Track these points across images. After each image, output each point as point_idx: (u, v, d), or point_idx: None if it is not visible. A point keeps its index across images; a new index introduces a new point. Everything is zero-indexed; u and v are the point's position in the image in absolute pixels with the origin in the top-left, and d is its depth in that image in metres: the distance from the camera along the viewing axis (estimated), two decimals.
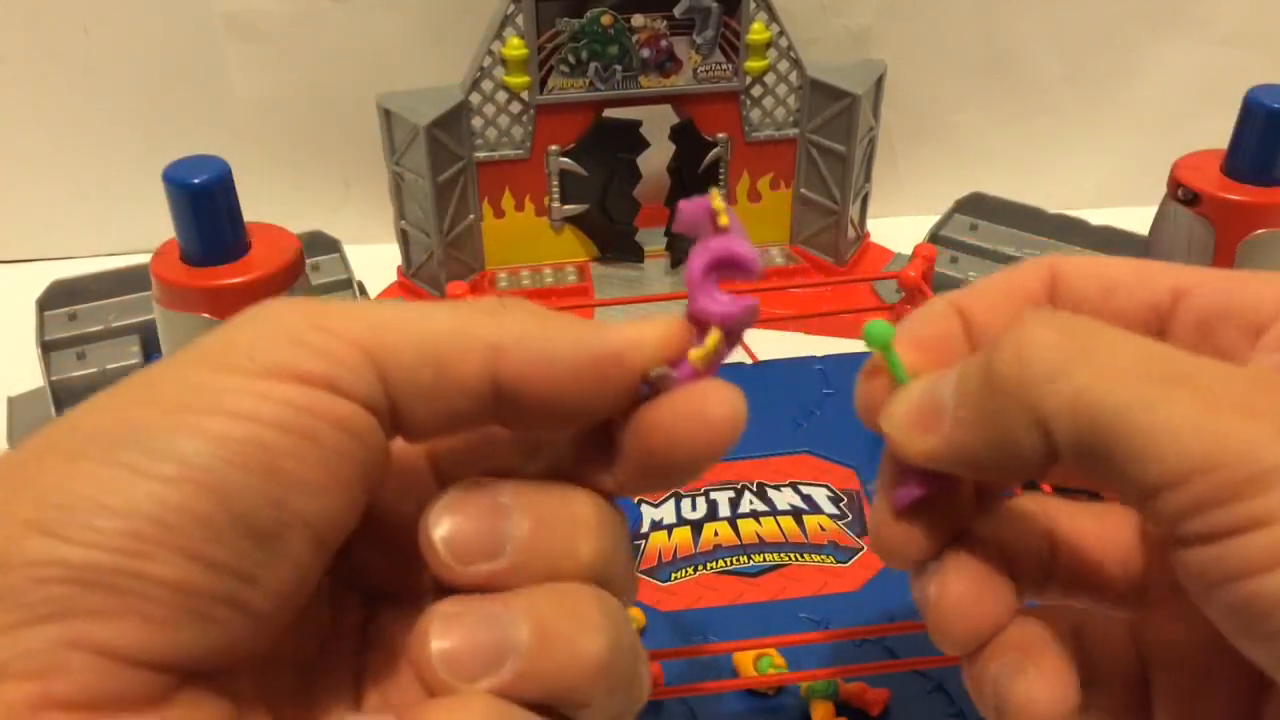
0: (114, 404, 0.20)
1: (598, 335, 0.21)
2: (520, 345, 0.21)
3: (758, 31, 0.71)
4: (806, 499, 0.51)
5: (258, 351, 0.20)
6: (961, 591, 0.24)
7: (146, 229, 0.59)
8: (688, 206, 0.23)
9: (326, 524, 0.20)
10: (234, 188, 0.49)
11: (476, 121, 0.71)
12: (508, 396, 0.21)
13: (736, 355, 0.68)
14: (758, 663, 0.41)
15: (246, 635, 0.19)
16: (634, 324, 0.22)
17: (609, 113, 0.72)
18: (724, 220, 0.23)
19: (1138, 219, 0.64)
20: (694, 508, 0.50)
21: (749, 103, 0.73)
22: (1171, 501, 0.19)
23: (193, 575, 0.18)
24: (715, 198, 0.23)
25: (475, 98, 0.70)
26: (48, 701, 0.17)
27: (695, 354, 0.22)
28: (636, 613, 0.44)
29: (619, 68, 0.70)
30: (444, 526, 0.21)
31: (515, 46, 0.68)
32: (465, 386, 0.21)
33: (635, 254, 0.77)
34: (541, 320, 0.21)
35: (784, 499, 0.51)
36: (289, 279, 0.50)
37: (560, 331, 0.21)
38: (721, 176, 0.76)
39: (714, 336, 0.23)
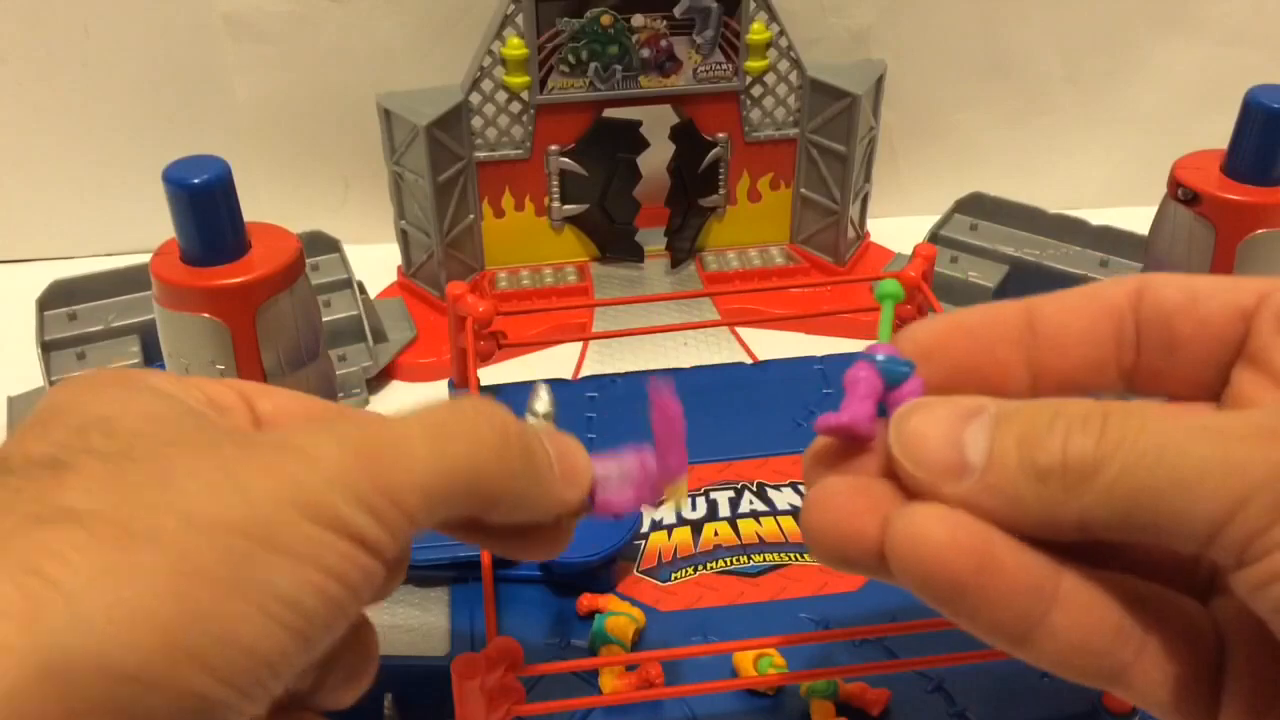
0: (239, 523, 0.21)
1: (551, 503, 0.27)
2: (510, 501, 0.25)
3: (758, 31, 0.71)
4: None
5: (339, 505, 0.22)
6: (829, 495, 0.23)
7: (146, 229, 0.59)
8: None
9: None
10: (234, 188, 0.49)
11: (476, 121, 0.71)
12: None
13: (737, 355, 0.68)
14: (758, 663, 0.41)
15: None
16: (569, 490, 0.27)
17: (609, 113, 0.72)
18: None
19: (1138, 219, 0.64)
20: (694, 508, 0.50)
21: (749, 103, 0.73)
22: (1218, 548, 0.20)
23: (260, 710, 0.21)
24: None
25: (475, 98, 0.70)
26: None
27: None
28: (636, 613, 0.44)
29: (619, 68, 0.70)
30: None
31: (515, 46, 0.68)
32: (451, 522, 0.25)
33: (635, 254, 0.77)
34: (532, 474, 0.26)
35: (784, 499, 0.51)
36: (289, 279, 0.50)
37: (534, 493, 0.26)
38: (721, 176, 0.76)
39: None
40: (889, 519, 0.22)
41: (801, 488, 0.52)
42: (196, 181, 0.47)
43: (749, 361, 0.61)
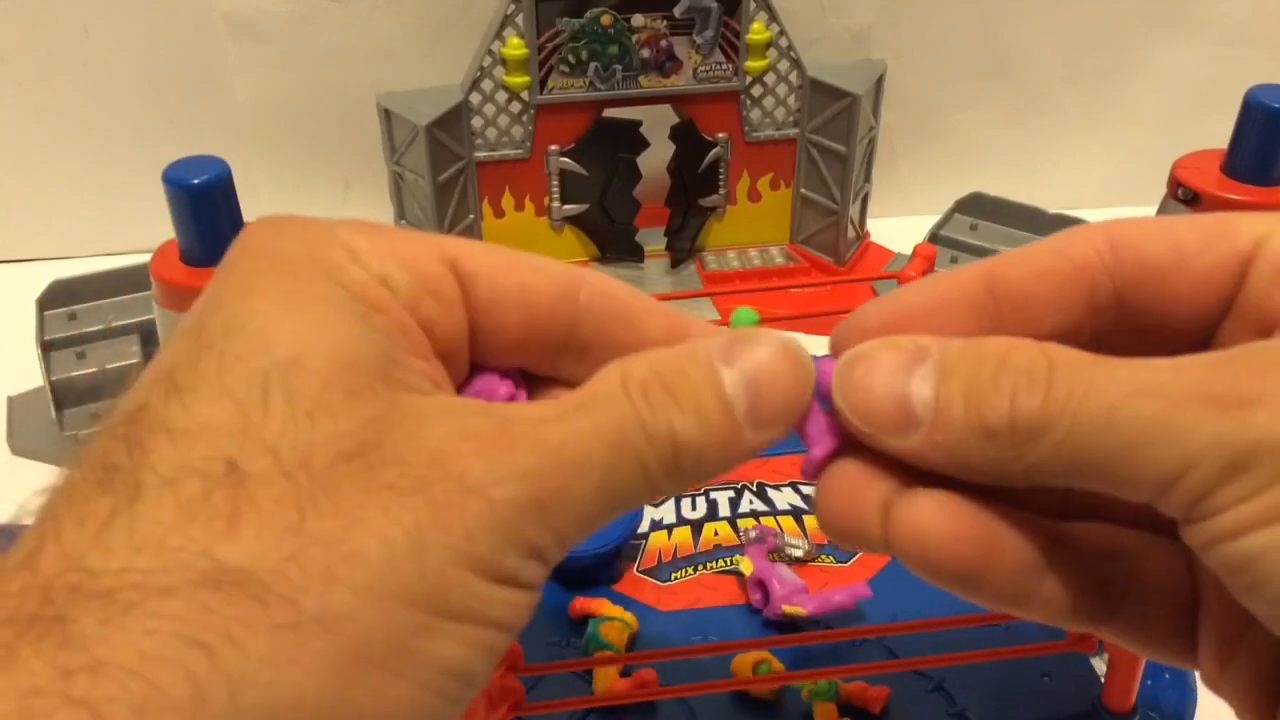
0: (399, 587, 0.19)
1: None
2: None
3: (758, 31, 0.71)
4: (806, 499, 0.51)
5: (510, 556, 0.20)
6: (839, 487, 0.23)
7: (146, 229, 0.59)
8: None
9: None
10: (234, 188, 0.48)
11: (476, 121, 0.71)
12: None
13: None
14: (756, 668, 0.41)
15: None
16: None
17: (609, 113, 0.72)
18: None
19: None
20: (694, 507, 0.50)
21: (749, 103, 0.73)
22: (1166, 504, 0.20)
23: None
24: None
25: (475, 97, 0.70)
26: None
27: None
28: (629, 618, 0.44)
29: (619, 68, 0.70)
30: None
31: (515, 46, 0.68)
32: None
33: (635, 254, 0.77)
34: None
35: (784, 499, 0.51)
36: None
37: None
38: (721, 176, 0.76)
39: None
40: (889, 510, 0.22)
41: (802, 488, 0.52)
42: (196, 182, 0.47)
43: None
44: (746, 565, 0.45)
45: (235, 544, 0.18)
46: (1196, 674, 0.42)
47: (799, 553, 0.47)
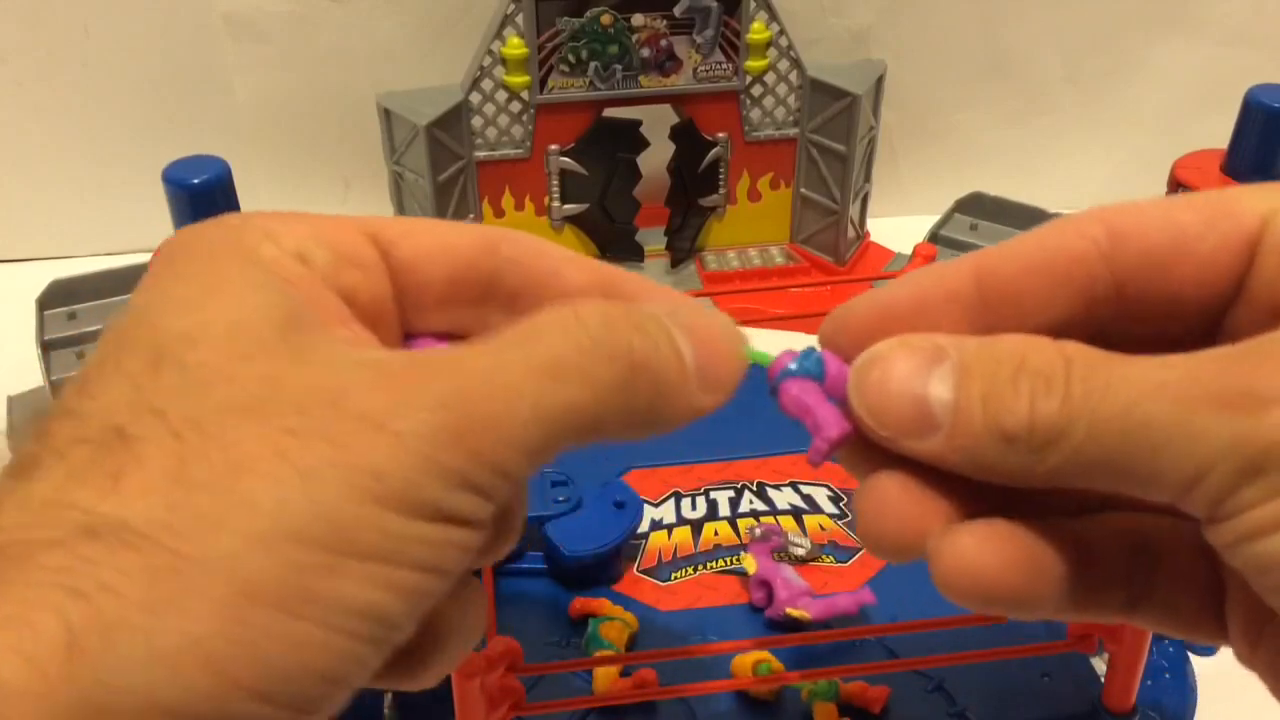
0: (293, 526, 0.19)
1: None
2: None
3: (758, 31, 0.71)
4: (806, 499, 0.51)
5: (429, 487, 0.19)
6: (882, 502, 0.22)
7: (146, 229, 0.59)
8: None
9: None
10: (234, 188, 0.49)
11: (476, 121, 0.71)
12: None
13: None
14: (756, 668, 0.41)
15: None
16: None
17: (609, 112, 0.72)
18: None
19: None
20: (694, 507, 0.50)
21: (749, 102, 0.73)
22: (1187, 505, 0.20)
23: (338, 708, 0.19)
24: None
25: (475, 97, 0.70)
26: None
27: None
28: (629, 617, 0.44)
29: (619, 67, 0.70)
30: None
31: (515, 46, 0.68)
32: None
33: (635, 254, 0.77)
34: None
35: (784, 499, 0.51)
36: None
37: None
38: (721, 176, 0.76)
39: None
40: (931, 550, 0.21)
41: (801, 487, 0.52)
42: (196, 181, 0.47)
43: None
44: (750, 564, 0.45)
45: (117, 499, 0.18)
46: (1196, 674, 0.42)
47: (801, 552, 0.47)
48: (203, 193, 0.47)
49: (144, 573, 0.18)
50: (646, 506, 0.49)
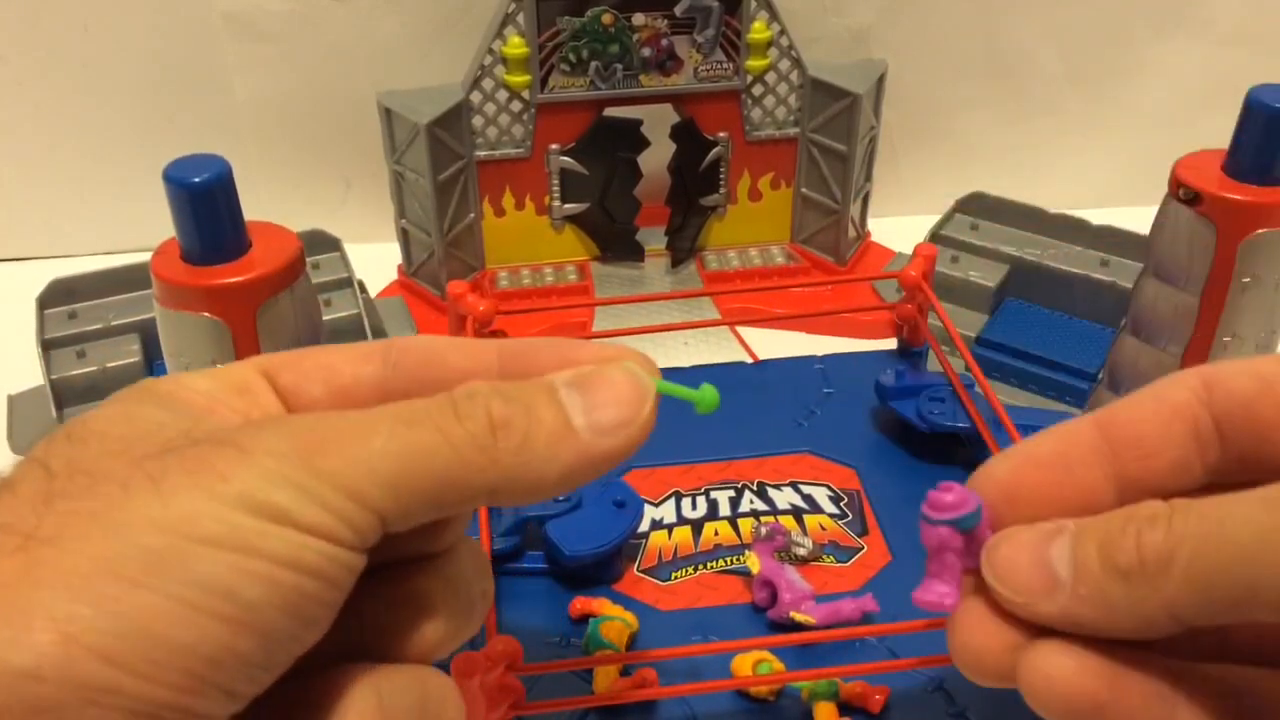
0: (158, 519, 0.21)
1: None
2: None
3: (758, 30, 0.71)
4: (807, 498, 0.51)
5: (273, 495, 0.21)
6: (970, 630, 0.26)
7: (146, 228, 0.59)
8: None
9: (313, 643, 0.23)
10: (234, 187, 0.48)
11: (477, 120, 0.71)
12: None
13: (737, 355, 0.68)
14: (756, 667, 0.41)
15: None
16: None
17: (609, 111, 0.72)
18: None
19: (1138, 219, 0.64)
20: (694, 507, 0.50)
21: (750, 102, 0.73)
22: None
23: (220, 707, 0.21)
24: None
25: (476, 96, 0.70)
26: None
27: None
28: (629, 617, 0.44)
29: (620, 66, 0.70)
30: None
31: (516, 45, 0.68)
32: (459, 511, 0.24)
33: (635, 253, 0.77)
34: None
35: (784, 498, 0.51)
36: (289, 278, 0.50)
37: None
38: (722, 175, 0.76)
39: None
40: (1020, 661, 0.25)
41: (801, 487, 0.52)
42: (197, 181, 0.47)
43: (749, 361, 0.61)
44: (754, 563, 0.45)
45: None
46: None
47: (803, 551, 0.47)
48: (203, 192, 0.47)
49: (1, 555, 0.20)
50: (646, 506, 0.49)
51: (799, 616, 0.43)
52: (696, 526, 0.49)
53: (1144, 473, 0.25)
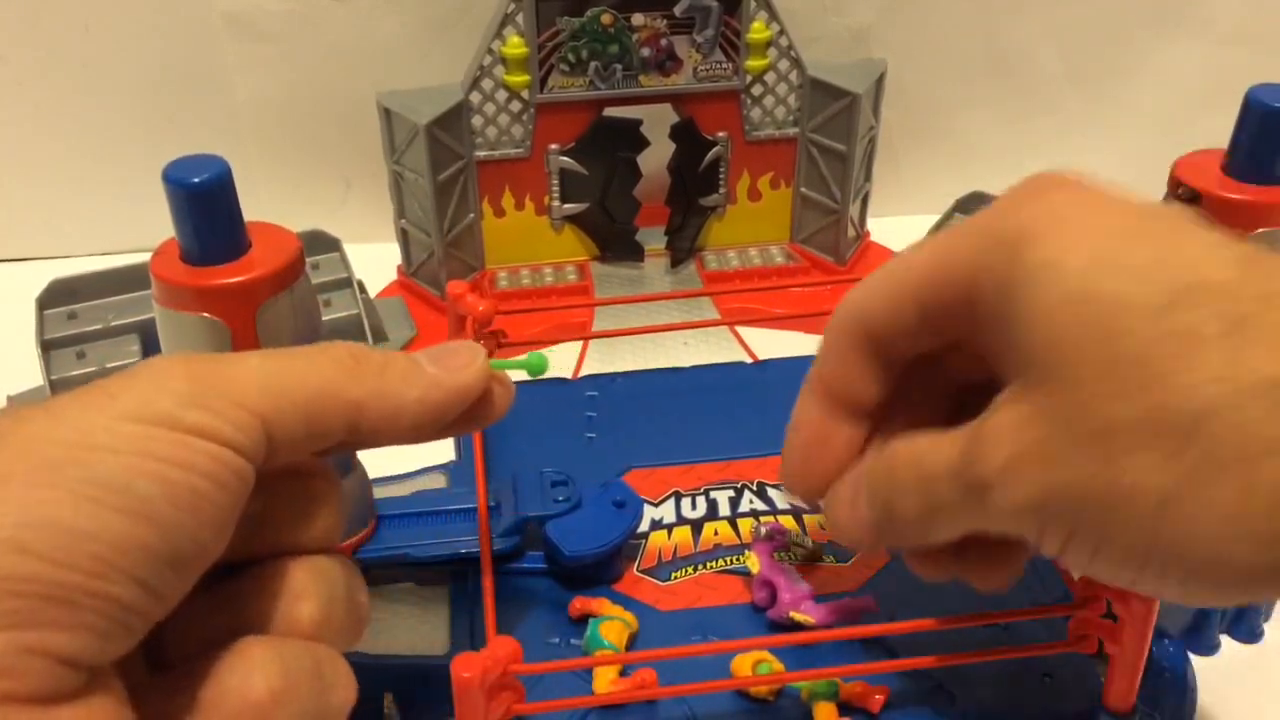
0: (55, 436, 0.23)
1: (433, 390, 0.29)
2: (376, 402, 0.27)
3: (758, 30, 0.71)
4: None
5: (161, 404, 0.24)
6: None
7: (146, 228, 0.59)
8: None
9: (219, 554, 0.25)
10: (234, 187, 0.48)
11: (476, 120, 0.71)
12: (357, 438, 0.28)
13: (737, 355, 0.68)
14: (756, 668, 0.41)
15: (141, 637, 0.24)
16: (452, 375, 0.29)
17: (609, 111, 0.72)
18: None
19: None
20: (694, 507, 0.50)
21: (749, 102, 0.73)
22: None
23: (133, 596, 0.22)
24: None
25: (475, 96, 0.70)
26: (4, 699, 0.21)
27: None
28: (629, 617, 0.44)
29: (619, 66, 0.70)
30: None
31: (515, 45, 0.68)
32: (329, 434, 0.27)
33: (635, 253, 0.77)
34: (389, 377, 0.28)
35: (784, 498, 0.51)
36: (289, 278, 0.49)
37: (406, 388, 0.28)
38: (722, 175, 0.76)
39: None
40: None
41: None
42: (196, 181, 0.47)
43: (749, 361, 0.61)
44: (754, 563, 0.45)
45: None
46: (1196, 674, 0.42)
47: (803, 551, 0.47)
48: (203, 192, 0.47)
49: None
50: (646, 506, 0.49)
51: (798, 616, 0.43)
52: (696, 526, 0.49)
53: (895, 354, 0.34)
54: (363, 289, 0.69)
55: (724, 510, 0.50)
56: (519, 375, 0.33)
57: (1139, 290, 0.26)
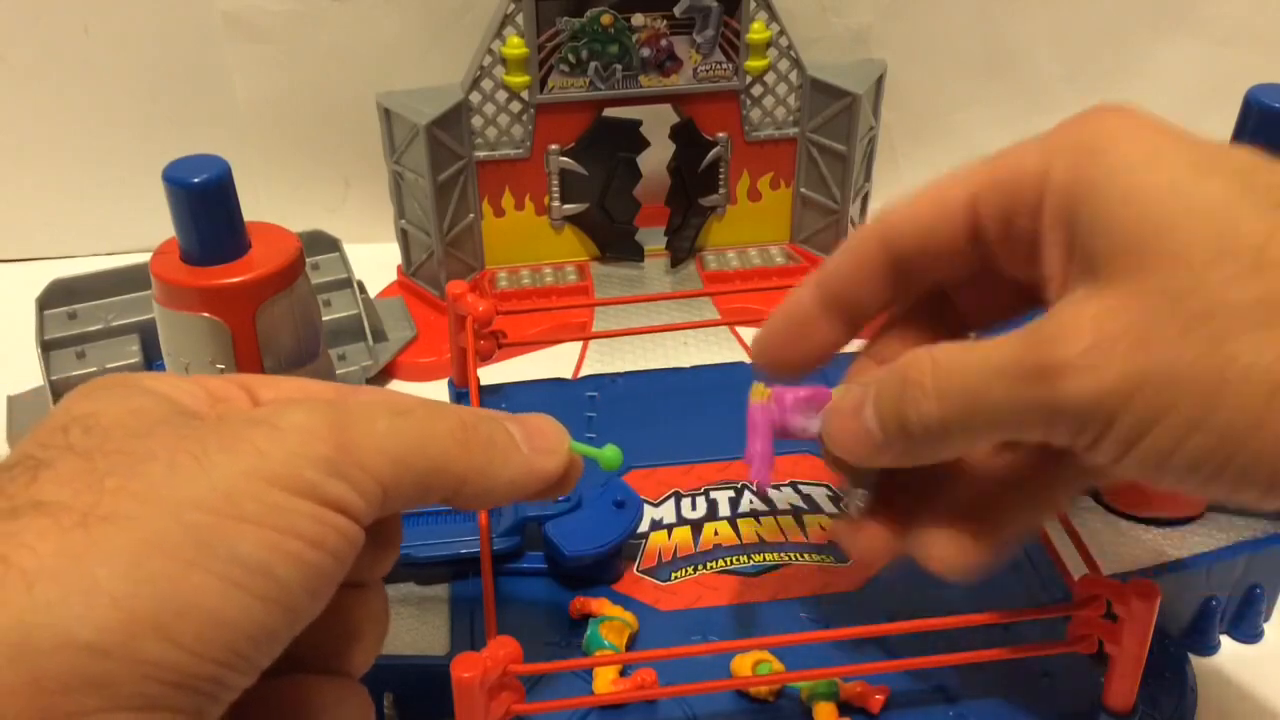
0: (201, 498, 0.22)
1: (524, 475, 0.29)
2: (477, 478, 0.27)
3: (758, 31, 0.71)
4: (806, 498, 0.51)
5: (306, 471, 0.23)
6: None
7: (146, 228, 0.59)
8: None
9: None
10: (234, 187, 0.48)
11: (476, 120, 0.71)
12: (442, 503, 0.28)
13: (737, 355, 0.68)
14: (756, 668, 0.41)
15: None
16: (542, 460, 0.30)
17: (609, 112, 0.72)
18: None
19: None
20: (694, 507, 0.50)
21: (749, 102, 0.73)
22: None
23: (244, 684, 0.22)
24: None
25: (475, 97, 0.70)
26: None
27: None
28: (629, 617, 0.44)
29: (619, 67, 0.70)
30: None
31: (515, 45, 0.68)
32: (426, 502, 0.27)
33: (635, 253, 0.77)
34: (493, 456, 0.28)
35: (784, 498, 0.51)
36: (289, 278, 0.50)
37: (503, 469, 0.28)
38: (722, 176, 0.76)
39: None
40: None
41: (801, 487, 0.52)
42: (196, 181, 0.47)
43: (749, 361, 0.61)
44: (760, 393, 0.39)
45: (35, 488, 0.22)
46: (1196, 674, 0.42)
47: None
48: (203, 193, 0.47)
49: (56, 532, 0.21)
50: (646, 506, 0.49)
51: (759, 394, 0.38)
52: (696, 527, 0.49)
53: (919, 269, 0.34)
54: (363, 289, 0.69)
55: (724, 510, 0.50)
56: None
57: (1241, 186, 0.27)
